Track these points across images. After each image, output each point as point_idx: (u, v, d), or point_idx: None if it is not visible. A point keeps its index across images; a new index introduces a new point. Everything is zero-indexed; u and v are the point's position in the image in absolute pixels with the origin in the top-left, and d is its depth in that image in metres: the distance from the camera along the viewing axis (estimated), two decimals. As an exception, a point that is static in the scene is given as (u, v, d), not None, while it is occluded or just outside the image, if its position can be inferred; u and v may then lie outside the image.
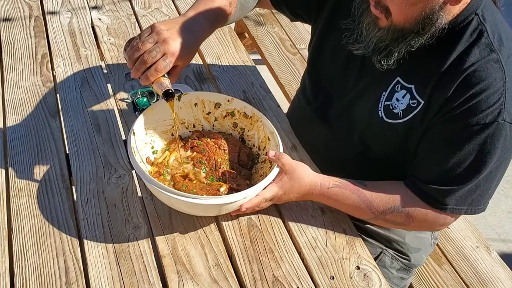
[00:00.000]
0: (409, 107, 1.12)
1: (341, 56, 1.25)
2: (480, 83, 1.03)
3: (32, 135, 1.38)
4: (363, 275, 1.11)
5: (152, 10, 1.85)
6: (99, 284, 1.07)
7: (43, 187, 1.25)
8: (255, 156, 1.29)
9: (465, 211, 1.13)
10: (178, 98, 1.28)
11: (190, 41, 1.15)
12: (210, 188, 1.17)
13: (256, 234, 1.17)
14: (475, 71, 1.03)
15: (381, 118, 1.17)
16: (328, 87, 1.31)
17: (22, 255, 1.12)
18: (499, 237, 2.28)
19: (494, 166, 1.08)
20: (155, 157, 1.26)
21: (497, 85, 1.03)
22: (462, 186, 1.09)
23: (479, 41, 1.05)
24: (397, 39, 1.06)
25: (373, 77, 1.19)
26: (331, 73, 1.30)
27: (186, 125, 1.33)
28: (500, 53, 1.04)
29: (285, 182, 1.14)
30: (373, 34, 1.09)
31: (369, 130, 1.21)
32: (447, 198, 1.11)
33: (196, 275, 1.09)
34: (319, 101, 1.34)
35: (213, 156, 1.24)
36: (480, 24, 1.06)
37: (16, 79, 1.56)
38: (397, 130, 1.15)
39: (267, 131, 1.25)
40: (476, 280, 1.43)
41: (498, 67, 1.03)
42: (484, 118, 1.03)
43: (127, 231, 1.17)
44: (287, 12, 1.44)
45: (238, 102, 1.30)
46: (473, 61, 1.04)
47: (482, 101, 1.03)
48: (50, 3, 1.86)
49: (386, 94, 1.16)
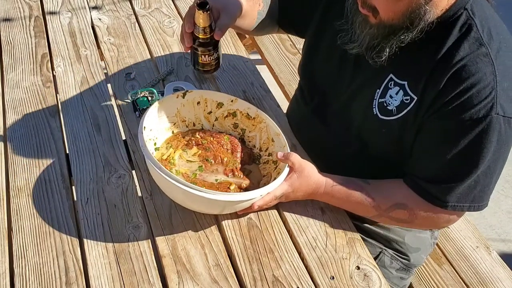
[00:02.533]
0: (402, 103, 1.13)
1: (335, 57, 1.26)
2: (470, 78, 1.03)
3: (32, 135, 1.38)
4: (363, 275, 1.11)
5: (152, 10, 1.85)
6: (99, 284, 1.08)
7: (43, 187, 1.25)
8: (256, 157, 1.29)
9: (467, 208, 1.13)
10: (183, 95, 1.29)
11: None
12: (220, 186, 1.17)
13: (256, 234, 1.17)
14: (465, 66, 1.04)
15: (376, 115, 1.18)
16: (324, 88, 1.32)
17: (22, 255, 1.12)
18: (499, 237, 2.28)
19: (491, 161, 1.08)
20: (156, 153, 1.26)
21: (488, 79, 1.03)
22: (461, 182, 1.10)
23: (468, 35, 1.06)
24: (388, 35, 1.07)
25: (367, 76, 1.20)
26: (326, 74, 1.32)
27: (187, 123, 1.33)
28: (489, 47, 1.04)
29: (294, 180, 1.15)
30: (365, 32, 1.10)
31: (365, 127, 1.22)
32: (447, 196, 1.11)
33: (196, 275, 1.09)
34: (316, 102, 1.35)
35: (218, 154, 1.24)
36: (469, 19, 1.06)
37: (16, 79, 1.56)
38: (391, 127, 1.16)
39: (272, 132, 1.25)
40: (476, 280, 1.43)
41: (488, 61, 1.04)
42: (477, 112, 1.03)
43: (127, 231, 1.17)
44: (294, 32, 1.50)
45: (242, 103, 1.30)
46: (462, 55, 1.05)
47: (474, 96, 1.03)
48: (50, 3, 1.86)
49: (380, 91, 1.17)
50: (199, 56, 1.30)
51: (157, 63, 1.61)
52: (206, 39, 1.23)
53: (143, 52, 1.66)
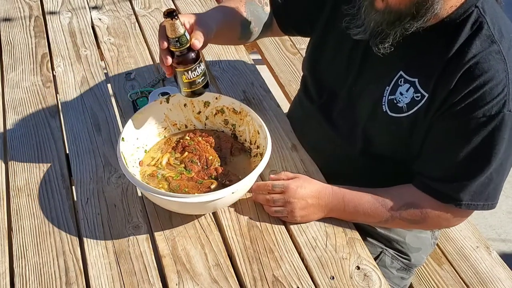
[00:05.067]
0: (413, 100, 1.13)
1: (343, 54, 1.25)
2: (483, 75, 1.03)
3: (32, 135, 1.38)
4: (363, 275, 1.10)
5: (152, 10, 1.85)
6: (99, 284, 1.08)
7: (43, 187, 1.25)
8: (247, 151, 1.30)
9: (482, 207, 1.13)
10: (167, 100, 1.30)
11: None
12: (201, 186, 1.19)
13: (256, 234, 1.17)
14: (477, 63, 1.04)
15: (386, 112, 1.17)
16: (331, 85, 1.32)
17: (22, 255, 1.12)
18: (499, 237, 2.28)
19: (503, 158, 1.08)
20: (146, 158, 1.28)
21: (500, 76, 1.03)
22: (474, 180, 1.09)
23: (480, 32, 1.05)
24: (393, 22, 1.07)
25: (375, 73, 1.19)
26: (333, 71, 1.31)
27: (178, 126, 1.34)
28: (501, 45, 1.04)
29: (293, 181, 1.17)
30: (370, 17, 1.10)
31: (373, 125, 1.22)
32: (461, 194, 1.11)
33: (196, 275, 1.09)
34: (323, 99, 1.34)
35: (204, 154, 1.25)
36: (480, 16, 1.06)
37: (16, 79, 1.56)
38: (401, 124, 1.16)
39: (256, 124, 1.26)
40: (476, 280, 1.43)
41: (500, 58, 1.04)
42: (490, 110, 1.03)
43: (127, 231, 1.17)
44: (296, 33, 1.48)
45: (226, 98, 1.31)
46: (475, 52, 1.04)
47: (486, 93, 1.03)
48: (50, 3, 1.86)
49: (390, 88, 1.16)
50: (182, 75, 1.13)
51: (157, 63, 1.61)
52: (183, 51, 1.10)
53: (143, 52, 1.66)
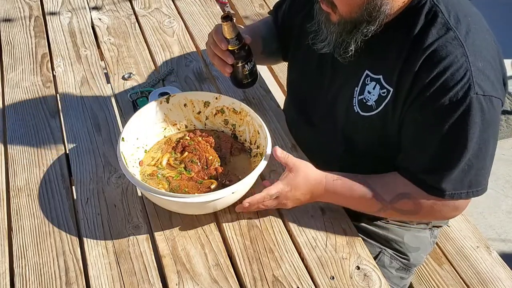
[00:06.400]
0: (380, 97, 1.14)
1: (313, 63, 1.29)
2: (442, 62, 1.04)
3: (32, 135, 1.38)
4: (363, 275, 1.11)
5: (152, 10, 1.85)
6: (99, 284, 1.08)
7: (43, 187, 1.25)
8: (247, 151, 1.30)
9: (466, 195, 1.12)
10: (167, 100, 1.30)
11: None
12: (201, 186, 1.19)
13: (256, 234, 1.17)
14: (435, 51, 1.05)
15: (357, 113, 1.19)
16: (307, 93, 1.35)
17: (22, 255, 1.12)
18: (499, 237, 2.28)
19: (481, 142, 1.08)
20: (147, 157, 1.28)
21: (460, 60, 1.04)
22: (453, 168, 1.09)
23: (434, 21, 1.07)
24: (351, 31, 1.10)
25: (344, 76, 1.22)
26: (307, 79, 1.34)
27: (178, 126, 1.34)
28: (457, 30, 1.05)
29: (290, 179, 1.14)
30: (330, 30, 1.13)
31: (349, 126, 1.24)
32: (442, 184, 1.11)
33: (196, 275, 1.09)
34: (302, 106, 1.37)
35: (204, 154, 1.25)
36: (434, 6, 1.08)
37: (16, 79, 1.56)
38: (373, 122, 1.17)
39: (256, 124, 1.26)
40: (476, 280, 1.43)
41: (457, 43, 1.04)
42: (455, 95, 1.04)
43: (127, 231, 1.17)
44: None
45: (226, 98, 1.31)
46: (431, 41, 1.06)
47: (448, 79, 1.04)
48: (50, 3, 1.87)
49: (358, 89, 1.18)
50: (243, 68, 1.31)
51: (157, 63, 1.62)
52: (240, 47, 1.27)
53: (143, 52, 1.66)
